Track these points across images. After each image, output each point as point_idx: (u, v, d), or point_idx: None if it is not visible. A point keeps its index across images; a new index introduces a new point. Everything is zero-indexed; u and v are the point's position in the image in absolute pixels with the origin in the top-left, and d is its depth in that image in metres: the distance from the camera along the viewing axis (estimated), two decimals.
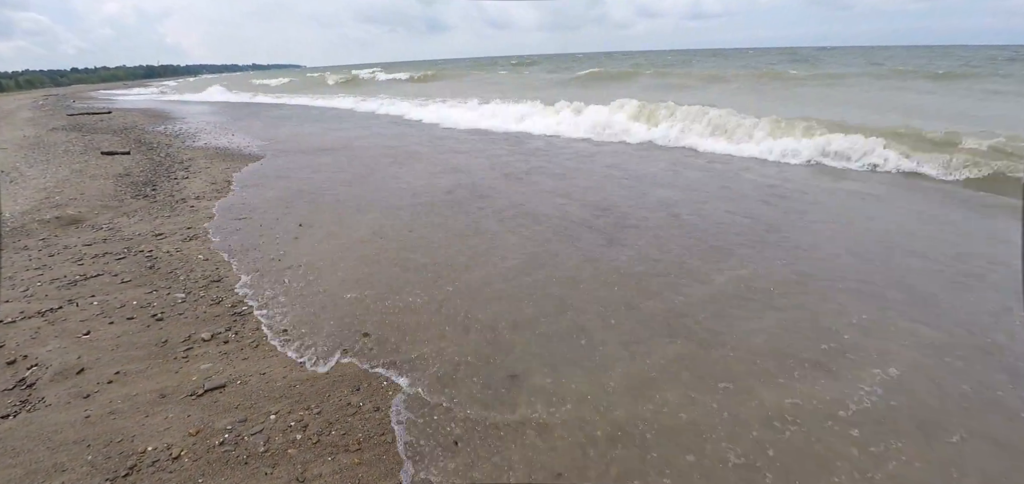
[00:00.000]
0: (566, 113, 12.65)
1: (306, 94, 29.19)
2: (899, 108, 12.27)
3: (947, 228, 5.04)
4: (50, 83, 79.50)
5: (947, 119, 10.08)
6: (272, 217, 5.82)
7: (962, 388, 2.66)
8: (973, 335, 3.13)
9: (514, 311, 3.58)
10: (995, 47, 61.93)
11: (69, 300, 3.82)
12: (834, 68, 26.01)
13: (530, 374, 2.87)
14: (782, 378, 2.78)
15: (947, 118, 10.32)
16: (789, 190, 6.51)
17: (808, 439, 2.35)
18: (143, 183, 7.74)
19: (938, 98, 14.36)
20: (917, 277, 3.95)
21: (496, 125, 13.45)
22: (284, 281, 4.14)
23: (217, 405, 2.66)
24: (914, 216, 5.45)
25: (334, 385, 2.82)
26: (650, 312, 3.52)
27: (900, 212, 5.59)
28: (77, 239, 5.18)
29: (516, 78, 30.85)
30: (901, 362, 2.88)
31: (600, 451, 2.32)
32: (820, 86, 18.51)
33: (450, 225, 5.44)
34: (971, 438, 2.33)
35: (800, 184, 6.89)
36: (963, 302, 3.56)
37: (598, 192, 6.63)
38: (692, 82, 21.63)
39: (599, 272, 4.19)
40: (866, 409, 2.52)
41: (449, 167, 8.43)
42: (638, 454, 2.29)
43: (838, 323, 3.31)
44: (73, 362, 3.02)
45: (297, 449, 2.36)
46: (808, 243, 4.68)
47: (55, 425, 2.51)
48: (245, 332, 3.39)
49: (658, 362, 2.95)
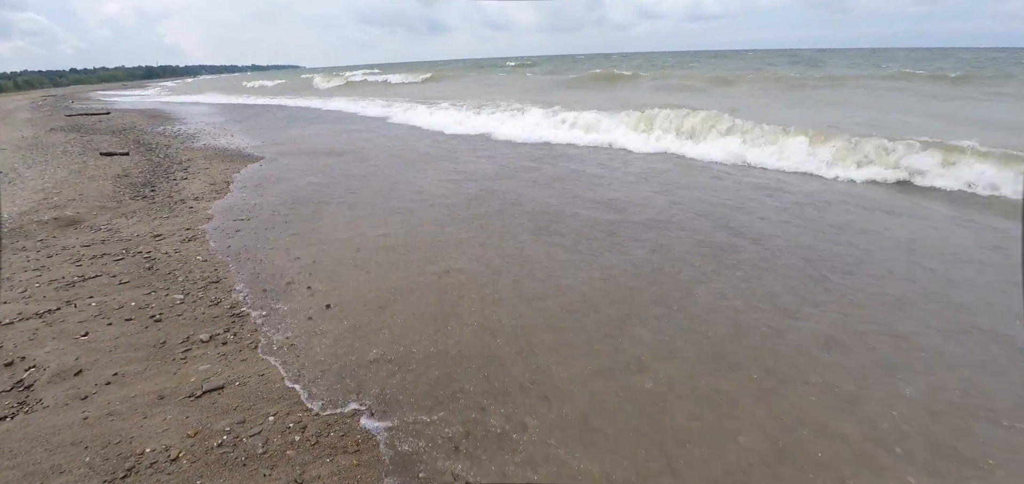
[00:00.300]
0: (622, 131, 11.08)
1: (297, 97, 28.91)
2: (933, 115, 11.52)
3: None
4: (49, 84, 79.33)
5: (991, 128, 9.29)
6: (272, 220, 5.82)
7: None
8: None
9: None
10: (995, 50, 62.07)
11: (67, 301, 3.82)
12: (841, 70, 25.66)
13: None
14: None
15: (991, 127, 9.48)
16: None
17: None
18: (142, 184, 7.73)
19: (957, 104, 13.69)
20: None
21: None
22: (277, 303, 4.14)
23: (215, 406, 2.66)
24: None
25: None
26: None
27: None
28: (75, 240, 5.17)
29: (517, 79, 30.81)
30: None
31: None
32: (859, 89, 17.34)
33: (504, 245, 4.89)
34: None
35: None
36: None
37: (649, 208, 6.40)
38: (701, 83, 21.20)
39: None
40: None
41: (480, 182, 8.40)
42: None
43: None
44: (71, 363, 3.02)
45: (296, 450, 2.35)
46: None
47: (53, 427, 2.50)
48: (244, 333, 3.38)
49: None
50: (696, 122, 10.44)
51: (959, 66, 25.87)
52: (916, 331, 3.25)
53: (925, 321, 3.37)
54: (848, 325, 3.33)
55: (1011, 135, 8.25)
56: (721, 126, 10.02)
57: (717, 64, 36.31)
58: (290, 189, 7.22)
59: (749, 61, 39.00)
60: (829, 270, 4.16)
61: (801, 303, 3.64)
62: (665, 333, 3.29)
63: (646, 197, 6.49)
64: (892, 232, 5.07)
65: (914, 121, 10.51)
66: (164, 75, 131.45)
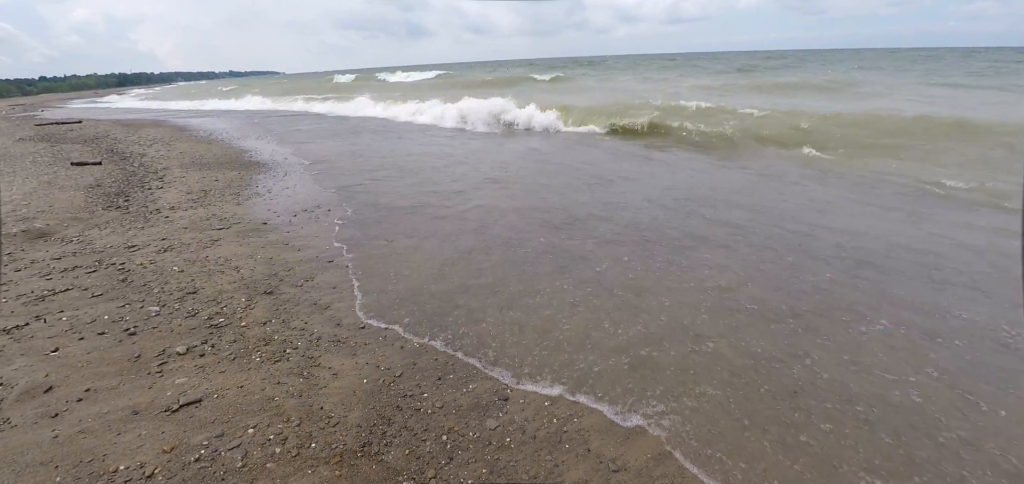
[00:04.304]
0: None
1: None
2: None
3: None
4: (18, 92, 76.88)
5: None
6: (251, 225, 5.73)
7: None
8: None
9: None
10: (964, 49, 69.20)
11: (36, 316, 3.70)
12: (853, 74, 26.97)
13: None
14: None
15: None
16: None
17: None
18: (115, 194, 7.54)
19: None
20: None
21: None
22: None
23: (193, 420, 2.60)
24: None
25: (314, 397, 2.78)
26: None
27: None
28: (45, 253, 5.01)
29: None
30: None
31: None
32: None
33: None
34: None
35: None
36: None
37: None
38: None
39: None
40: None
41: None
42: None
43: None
44: (40, 380, 2.92)
45: (276, 463, 2.31)
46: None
47: (21, 446, 2.42)
48: (222, 344, 3.32)
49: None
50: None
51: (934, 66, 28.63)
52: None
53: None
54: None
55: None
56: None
57: (722, 65, 40.85)
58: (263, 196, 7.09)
59: (754, 61, 44.91)
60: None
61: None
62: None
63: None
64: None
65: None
66: (139, 83, 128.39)
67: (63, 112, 28.87)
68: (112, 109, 31.80)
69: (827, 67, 32.47)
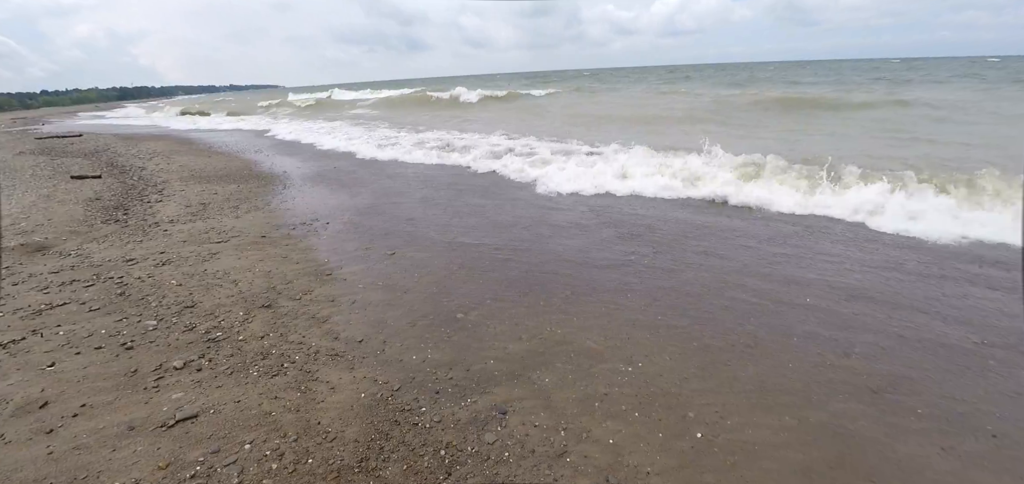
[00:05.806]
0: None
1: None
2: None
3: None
4: (19, 106, 77.32)
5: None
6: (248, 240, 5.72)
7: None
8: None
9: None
10: (955, 60, 69.96)
11: (33, 330, 3.68)
12: (860, 88, 24.81)
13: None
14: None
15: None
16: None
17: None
18: (114, 207, 7.54)
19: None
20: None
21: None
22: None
23: (189, 436, 2.57)
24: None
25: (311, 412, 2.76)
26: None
27: None
28: (43, 267, 5.00)
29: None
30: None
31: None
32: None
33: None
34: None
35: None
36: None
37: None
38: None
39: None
40: None
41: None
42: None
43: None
44: (36, 395, 2.90)
45: (272, 479, 2.29)
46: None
47: (15, 463, 2.39)
48: (219, 359, 3.30)
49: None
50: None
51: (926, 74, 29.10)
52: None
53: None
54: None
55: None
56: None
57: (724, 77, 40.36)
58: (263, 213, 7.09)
59: (755, 73, 43.91)
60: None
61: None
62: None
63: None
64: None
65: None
66: (140, 97, 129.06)
67: (64, 125, 28.97)
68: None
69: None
